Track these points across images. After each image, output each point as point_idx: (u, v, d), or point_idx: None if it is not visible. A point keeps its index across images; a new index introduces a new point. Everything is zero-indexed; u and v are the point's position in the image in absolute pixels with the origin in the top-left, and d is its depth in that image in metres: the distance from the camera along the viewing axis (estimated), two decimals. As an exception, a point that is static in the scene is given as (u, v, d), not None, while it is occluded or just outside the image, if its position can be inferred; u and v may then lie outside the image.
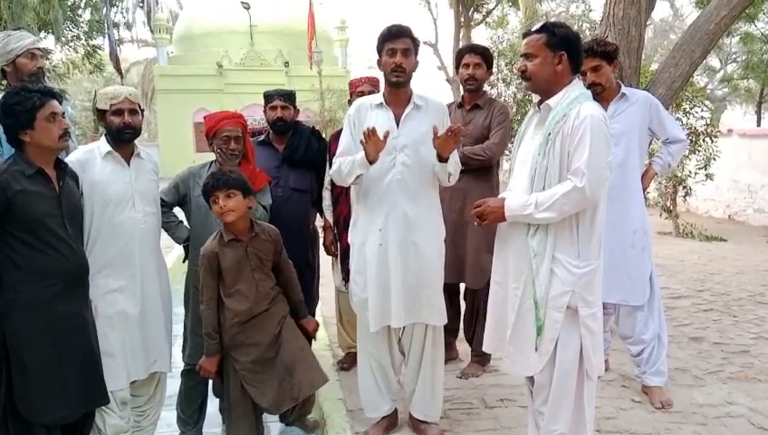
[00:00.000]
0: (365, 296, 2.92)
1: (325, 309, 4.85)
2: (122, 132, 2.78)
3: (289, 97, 3.69)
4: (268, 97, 3.71)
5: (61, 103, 2.57)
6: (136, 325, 2.80)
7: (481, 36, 20.70)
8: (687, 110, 7.88)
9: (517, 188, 2.47)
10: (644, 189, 3.48)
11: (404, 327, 2.99)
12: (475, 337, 3.75)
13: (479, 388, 3.59)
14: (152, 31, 24.74)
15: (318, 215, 3.94)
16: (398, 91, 2.91)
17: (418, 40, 2.95)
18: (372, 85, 3.75)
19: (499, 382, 3.62)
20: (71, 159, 2.75)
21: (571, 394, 2.38)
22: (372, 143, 2.69)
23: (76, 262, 2.54)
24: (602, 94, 3.35)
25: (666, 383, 3.43)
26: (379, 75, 3.10)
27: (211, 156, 3.23)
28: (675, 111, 7.29)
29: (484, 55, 3.75)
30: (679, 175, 9.04)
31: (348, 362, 3.95)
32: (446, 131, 2.71)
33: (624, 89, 3.42)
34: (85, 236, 2.71)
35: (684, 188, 9.30)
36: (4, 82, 3.38)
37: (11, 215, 2.36)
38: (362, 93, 3.66)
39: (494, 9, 21.31)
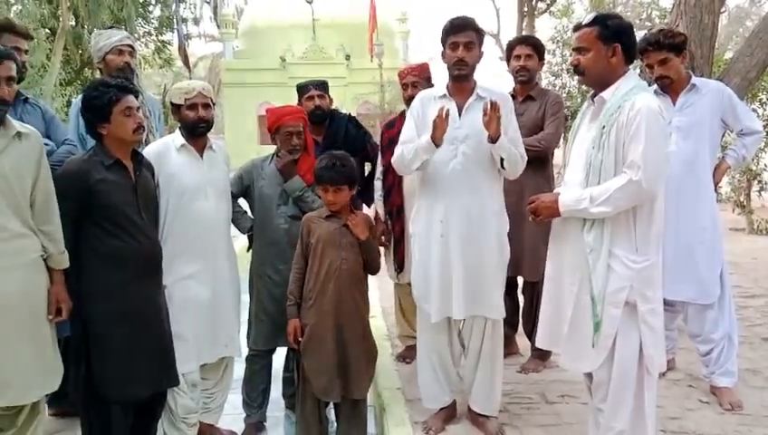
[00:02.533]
0: (426, 288, 2.95)
1: (383, 299, 4.91)
2: (196, 126, 2.90)
3: (323, 86, 3.75)
4: (303, 88, 3.76)
5: (137, 98, 2.70)
6: (207, 311, 2.91)
7: (545, 26, 20.23)
8: (764, 100, 7.53)
9: (572, 182, 2.44)
10: (716, 184, 3.36)
11: (464, 320, 3.01)
12: (534, 331, 3.72)
13: (539, 383, 3.57)
14: (218, 26, 25.41)
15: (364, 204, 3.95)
16: (460, 84, 2.91)
17: (483, 31, 2.93)
18: (417, 75, 3.71)
19: (560, 378, 3.58)
20: (148, 151, 2.88)
21: (630, 391, 2.34)
22: (441, 125, 2.72)
23: (150, 249, 2.67)
24: (671, 86, 3.26)
25: (735, 384, 3.32)
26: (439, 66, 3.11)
27: (271, 149, 3.31)
28: (750, 101, 6.99)
29: (535, 46, 3.70)
30: (754, 169, 8.66)
31: (409, 355, 3.95)
32: (484, 107, 2.71)
33: (695, 79, 3.31)
34: (161, 224, 2.84)
35: (759, 182, 8.91)
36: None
37: (91, 203, 2.50)
38: (407, 86, 3.67)
39: (558, -2, 20.80)
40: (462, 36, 2.83)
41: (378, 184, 3.82)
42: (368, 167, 4.10)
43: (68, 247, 2.49)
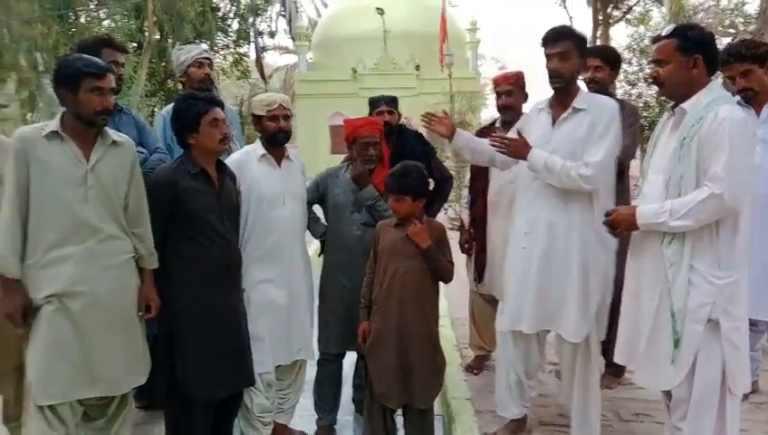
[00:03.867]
0: (504, 297, 2.96)
1: (453, 309, 4.91)
2: (277, 136, 3.02)
3: (393, 102, 3.80)
4: (374, 103, 3.83)
5: (223, 110, 2.85)
6: (283, 314, 3.01)
7: (621, 34, 19.74)
8: None
9: (651, 195, 2.39)
10: None
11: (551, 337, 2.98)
12: (610, 347, 3.64)
13: (613, 400, 3.48)
14: (293, 38, 26.05)
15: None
16: (559, 95, 2.86)
17: (583, 38, 2.87)
18: (513, 84, 3.70)
19: (634, 396, 3.48)
20: (231, 160, 3.02)
21: (712, 411, 2.26)
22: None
23: (231, 254, 2.80)
24: (755, 98, 3.15)
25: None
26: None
27: (341, 158, 3.40)
28: None
29: (604, 56, 3.63)
30: None
31: (477, 366, 3.95)
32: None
33: None
34: (241, 230, 2.96)
35: None
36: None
37: (177, 209, 2.65)
38: (500, 94, 3.68)
39: (635, 5, 20.23)
40: (555, 47, 2.79)
41: (465, 192, 3.88)
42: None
43: (156, 250, 2.65)
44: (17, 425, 2.81)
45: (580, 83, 2.98)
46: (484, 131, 3.74)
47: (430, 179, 3.92)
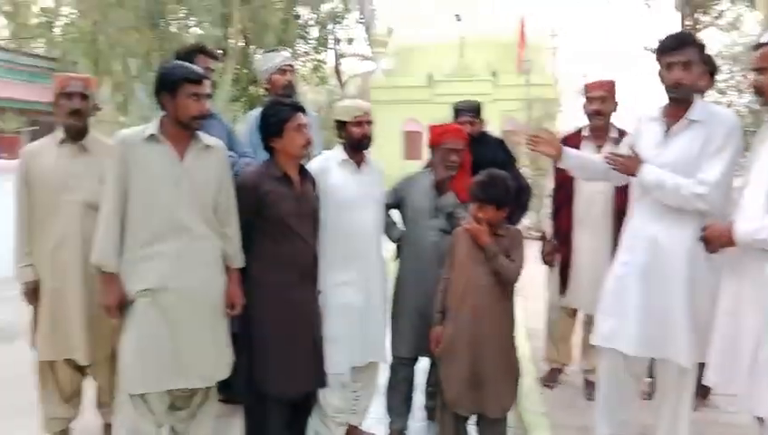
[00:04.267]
0: (602, 310, 2.86)
1: (529, 321, 4.82)
2: (361, 142, 3.08)
3: (476, 111, 3.77)
4: (457, 112, 3.81)
5: (306, 116, 2.93)
6: (359, 316, 3.05)
7: (710, 40, 18.84)
8: None
9: (750, 210, 2.26)
10: None
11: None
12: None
13: (696, 423, 3.29)
14: (370, 45, 26.39)
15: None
16: (676, 106, 2.69)
17: (704, 46, 2.73)
18: (608, 91, 3.59)
19: (718, 420, 3.32)
20: (312, 165, 3.09)
21: None
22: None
23: (309, 256, 2.86)
24: None
25: None
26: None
27: (416, 164, 3.39)
28: None
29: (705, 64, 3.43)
30: None
31: (551, 379, 3.88)
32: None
33: None
34: (321, 233, 3.03)
35: None
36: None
37: (260, 212, 2.74)
38: (593, 99, 3.57)
39: (726, 10, 19.28)
40: (678, 56, 2.59)
41: (547, 202, 3.78)
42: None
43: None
44: (109, 411, 2.99)
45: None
46: (569, 139, 3.65)
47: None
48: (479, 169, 3.55)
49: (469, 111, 3.77)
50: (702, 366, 2.81)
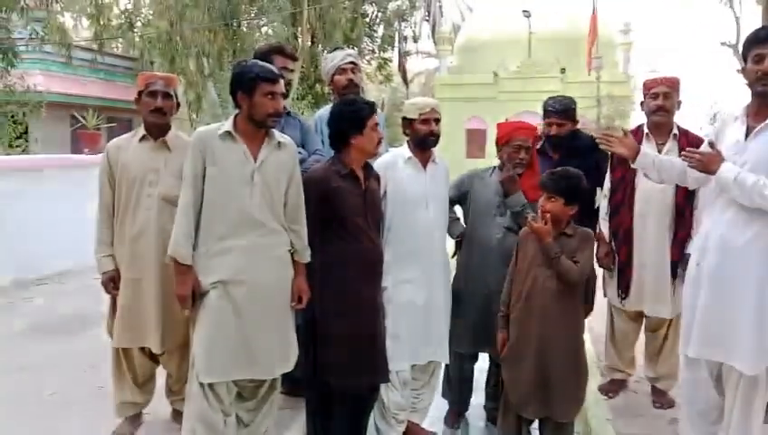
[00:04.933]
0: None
1: (594, 324, 4.69)
2: (428, 139, 3.08)
3: (565, 112, 3.67)
4: (545, 112, 3.74)
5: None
6: (421, 314, 3.06)
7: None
8: None
9: None
10: None
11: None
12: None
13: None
14: (435, 43, 26.30)
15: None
16: (759, 103, 2.57)
17: None
18: (670, 87, 3.44)
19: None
20: (379, 162, 3.11)
21: None
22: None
23: (374, 252, 2.89)
24: None
25: None
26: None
27: (478, 163, 3.34)
28: None
29: None
30: None
31: (612, 390, 3.74)
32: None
33: None
34: (385, 230, 3.05)
35: None
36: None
37: (327, 208, 2.79)
38: (657, 95, 3.42)
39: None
40: None
41: (603, 202, 3.64)
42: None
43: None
44: (179, 398, 3.10)
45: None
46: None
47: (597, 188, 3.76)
48: (565, 163, 3.45)
49: (557, 112, 3.68)
50: None
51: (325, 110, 3.74)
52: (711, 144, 2.68)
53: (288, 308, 2.74)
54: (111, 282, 3.01)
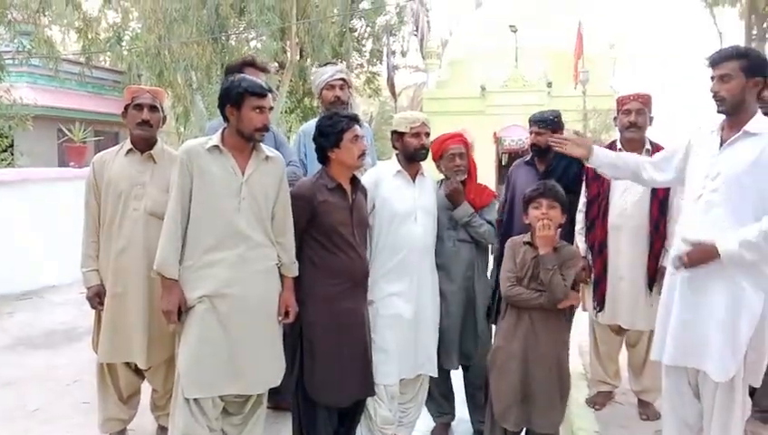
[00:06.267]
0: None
1: (580, 337, 4.71)
2: (418, 153, 3.11)
3: (547, 122, 3.69)
4: (530, 123, 3.78)
5: (361, 127, 2.97)
6: (409, 328, 3.05)
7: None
8: None
9: None
10: None
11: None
12: (758, 390, 3.32)
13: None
14: (423, 57, 26.44)
15: None
16: (727, 119, 2.70)
17: (753, 58, 2.67)
18: (643, 103, 3.53)
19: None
20: (367, 176, 3.13)
21: None
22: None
23: (360, 266, 2.89)
24: None
25: None
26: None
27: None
28: None
29: None
30: None
31: (599, 402, 3.75)
32: None
33: None
34: (373, 244, 3.05)
35: None
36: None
37: (314, 221, 2.79)
38: (630, 112, 3.50)
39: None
40: (717, 69, 2.65)
41: (579, 216, 3.68)
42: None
43: None
44: (164, 414, 3.08)
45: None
46: None
47: None
48: (550, 175, 3.51)
49: (538, 122, 3.73)
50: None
51: (309, 124, 3.76)
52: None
53: (275, 322, 2.73)
54: (97, 296, 2.99)
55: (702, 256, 2.58)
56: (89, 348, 3.10)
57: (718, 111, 2.68)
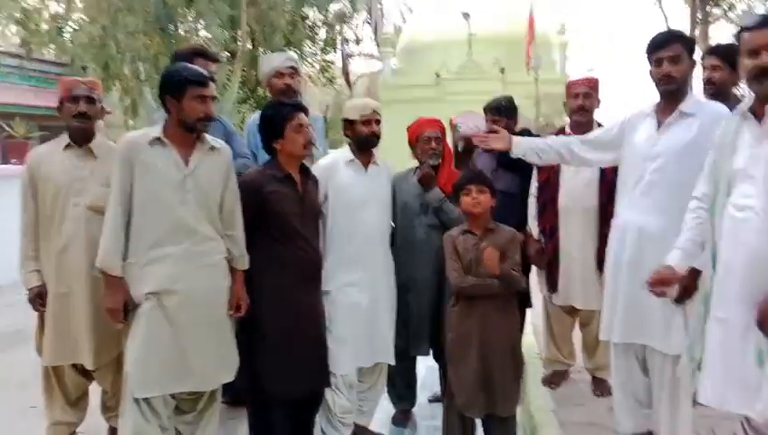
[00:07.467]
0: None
1: (536, 317, 4.78)
2: (370, 140, 3.08)
3: (499, 110, 3.77)
4: (485, 111, 3.85)
5: (307, 116, 2.92)
6: (366, 317, 3.04)
7: (721, 34, 18.75)
8: None
9: None
10: None
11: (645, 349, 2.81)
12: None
13: (709, 418, 3.25)
14: (378, 45, 26.38)
15: None
16: (666, 100, 2.76)
17: (691, 41, 2.80)
18: (591, 87, 3.59)
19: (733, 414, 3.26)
20: (318, 165, 3.09)
21: None
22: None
23: (311, 256, 2.86)
24: None
25: None
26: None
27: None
28: None
29: (723, 56, 3.38)
30: None
31: (554, 381, 3.82)
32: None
33: None
34: (327, 234, 3.03)
35: None
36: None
37: (263, 212, 2.74)
38: (578, 95, 3.55)
39: (737, 2, 19.08)
40: (666, 51, 2.69)
41: (532, 200, 3.72)
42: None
43: None
44: (114, 415, 2.99)
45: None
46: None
47: None
48: (504, 161, 3.53)
49: (492, 109, 3.79)
50: None
51: (257, 115, 3.68)
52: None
53: (225, 317, 2.67)
54: (38, 298, 2.87)
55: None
56: (33, 351, 2.98)
57: (666, 91, 2.73)
